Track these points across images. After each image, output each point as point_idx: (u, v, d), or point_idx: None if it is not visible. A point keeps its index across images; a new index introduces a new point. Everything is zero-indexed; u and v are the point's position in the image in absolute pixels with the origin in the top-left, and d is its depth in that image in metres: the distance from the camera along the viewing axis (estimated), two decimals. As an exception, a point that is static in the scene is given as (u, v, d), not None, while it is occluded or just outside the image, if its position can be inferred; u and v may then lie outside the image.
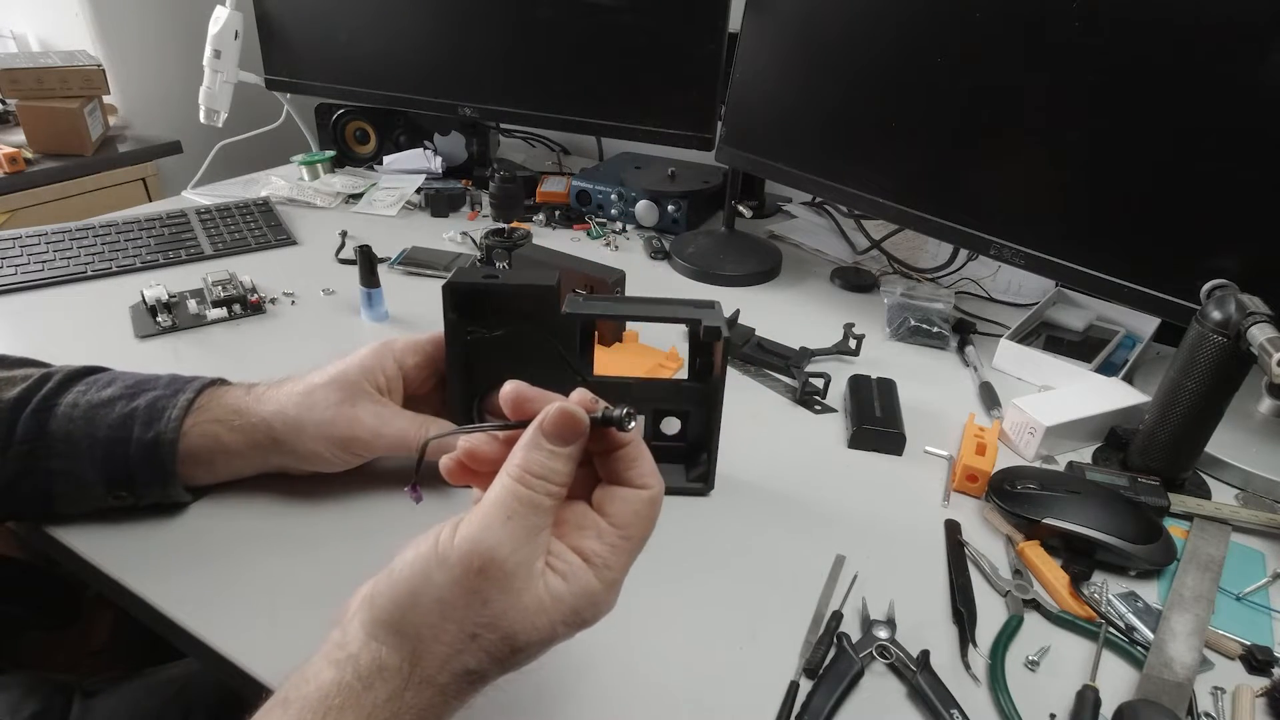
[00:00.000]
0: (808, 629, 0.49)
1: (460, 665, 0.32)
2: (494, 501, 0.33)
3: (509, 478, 0.33)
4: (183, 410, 0.51)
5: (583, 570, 0.33)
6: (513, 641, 0.32)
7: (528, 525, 0.32)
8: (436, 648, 0.32)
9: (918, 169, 0.80)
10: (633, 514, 0.35)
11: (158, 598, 0.48)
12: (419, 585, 0.32)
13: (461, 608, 0.31)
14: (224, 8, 1.10)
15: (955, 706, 0.43)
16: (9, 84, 1.43)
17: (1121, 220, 0.68)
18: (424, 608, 0.32)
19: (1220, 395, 0.59)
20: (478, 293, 0.55)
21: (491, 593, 0.31)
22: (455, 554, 0.32)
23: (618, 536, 0.34)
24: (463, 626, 0.32)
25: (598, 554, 0.34)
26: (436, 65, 1.11)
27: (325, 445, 0.52)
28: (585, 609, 0.33)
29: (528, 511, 0.33)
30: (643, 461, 0.36)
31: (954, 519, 0.59)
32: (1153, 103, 0.64)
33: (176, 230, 0.96)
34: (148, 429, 0.50)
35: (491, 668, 0.32)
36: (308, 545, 0.52)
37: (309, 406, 0.52)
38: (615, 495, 0.35)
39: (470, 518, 0.33)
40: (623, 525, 0.35)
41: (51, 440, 0.49)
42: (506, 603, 0.32)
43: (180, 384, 0.53)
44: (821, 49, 0.85)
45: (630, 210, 1.08)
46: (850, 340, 0.79)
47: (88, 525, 0.52)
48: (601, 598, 0.34)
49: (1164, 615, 0.51)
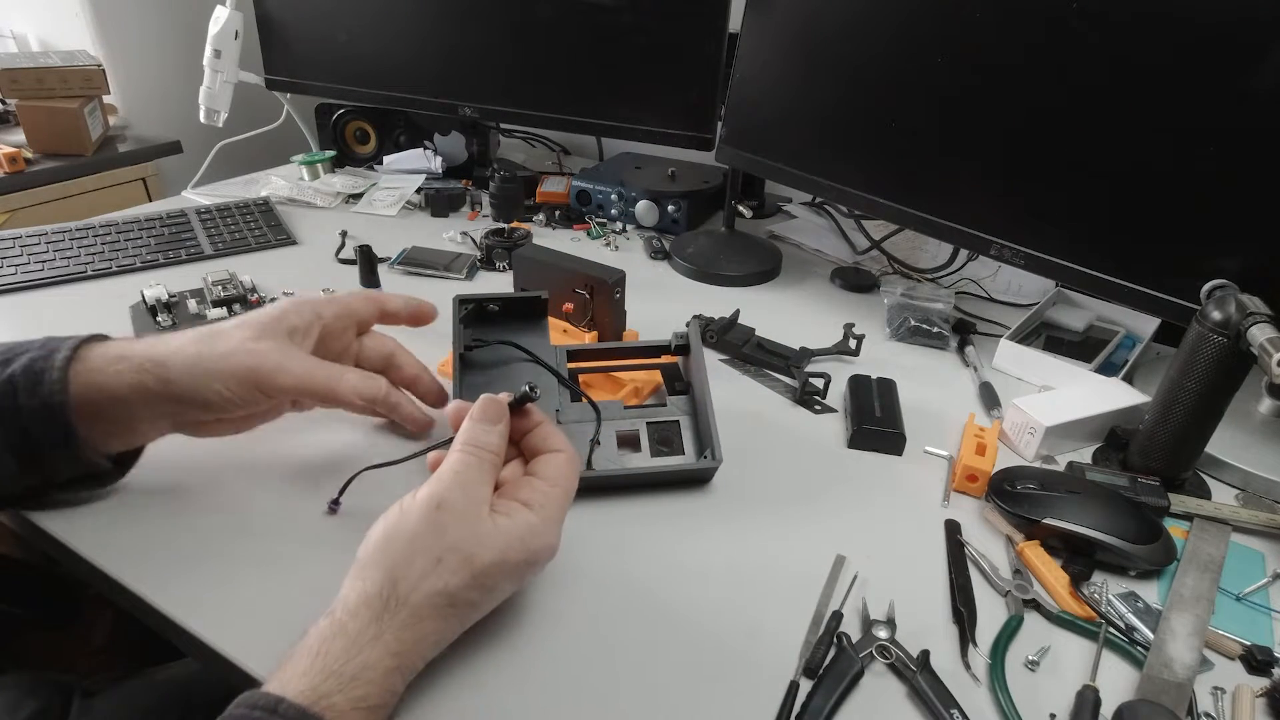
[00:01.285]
0: (808, 629, 0.49)
1: (430, 586, 0.38)
2: (445, 466, 0.42)
3: (455, 451, 0.43)
4: (63, 367, 0.47)
5: (522, 509, 0.42)
6: (472, 562, 0.39)
7: (471, 478, 0.42)
8: (409, 572, 0.38)
9: (918, 169, 0.80)
10: (554, 468, 0.45)
11: (158, 598, 0.48)
12: (392, 529, 0.40)
13: (427, 538, 0.39)
14: (224, 8, 1.10)
15: (955, 706, 0.43)
16: (9, 84, 1.43)
17: (1122, 220, 0.68)
18: (396, 543, 0.39)
19: (1220, 395, 0.59)
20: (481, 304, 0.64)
21: (449, 524, 0.40)
22: (418, 503, 0.41)
23: (547, 485, 0.44)
24: (429, 552, 0.39)
25: (532, 499, 0.43)
26: (437, 65, 1.11)
27: (224, 382, 0.48)
28: (529, 537, 0.41)
29: (469, 469, 0.42)
30: (554, 434, 0.47)
31: (954, 519, 0.59)
32: (1153, 102, 0.64)
33: (176, 230, 0.96)
34: (33, 395, 0.46)
35: (459, 588, 0.39)
36: (308, 545, 0.52)
37: (210, 342, 0.49)
38: (541, 460, 0.46)
39: (427, 482, 0.42)
40: (549, 477, 0.44)
41: None
42: (463, 529, 0.40)
43: (55, 343, 0.49)
44: (821, 49, 0.85)
45: (630, 210, 1.08)
46: (850, 340, 0.79)
47: (88, 525, 0.52)
48: (541, 529, 0.42)
49: (1164, 615, 0.51)
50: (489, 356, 0.63)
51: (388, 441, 0.63)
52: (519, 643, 0.46)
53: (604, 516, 0.56)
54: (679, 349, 0.65)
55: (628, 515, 0.57)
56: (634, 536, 0.55)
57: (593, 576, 0.51)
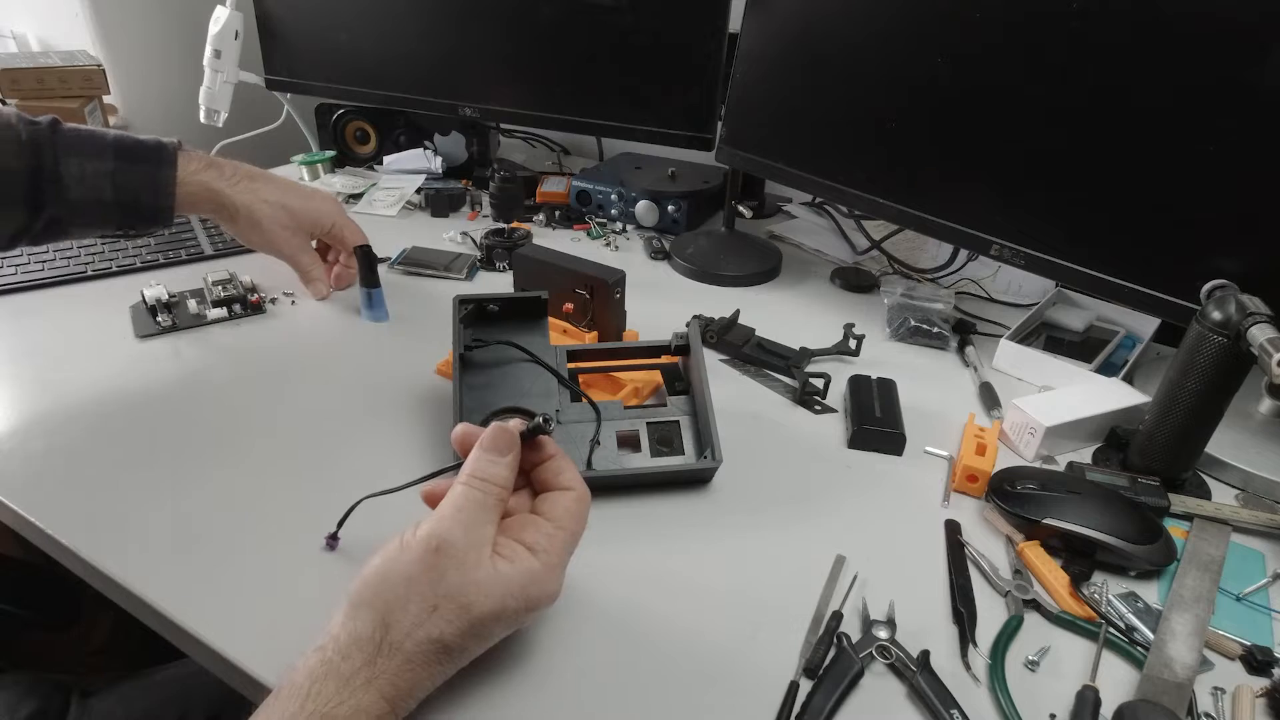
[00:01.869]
0: (808, 629, 0.49)
1: (424, 634, 0.36)
2: (448, 501, 0.40)
3: (460, 484, 0.40)
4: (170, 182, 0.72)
5: (525, 554, 0.39)
6: (469, 611, 0.37)
7: (475, 518, 0.39)
8: (403, 618, 0.36)
9: (918, 169, 0.80)
10: (563, 510, 0.42)
11: (158, 598, 0.48)
12: (388, 567, 0.38)
13: (423, 583, 0.37)
14: (224, 8, 1.10)
15: (955, 706, 0.43)
16: (9, 84, 1.43)
17: (1122, 220, 0.68)
18: (391, 584, 0.37)
19: (1220, 395, 0.59)
20: (481, 304, 0.64)
21: (448, 569, 0.37)
22: (416, 540, 0.38)
23: (553, 528, 0.41)
24: (425, 599, 0.37)
25: (537, 542, 0.40)
26: (437, 65, 1.11)
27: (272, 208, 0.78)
28: (530, 585, 0.39)
29: (474, 507, 0.39)
30: (567, 470, 0.44)
31: (954, 519, 0.59)
32: (1153, 103, 0.64)
33: (176, 230, 0.96)
34: (155, 200, 0.72)
35: (454, 638, 0.37)
36: (308, 546, 0.52)
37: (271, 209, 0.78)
38: (549, 498, 0.43)
39: (429, 517, 0.40)
40: (556, 519, 0.41)
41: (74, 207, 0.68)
42: (461, 576, 0.37)
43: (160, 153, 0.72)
44: (821, 49, 0.84)
45: (630, 210, 1.08)
46: (850, 340, 0.79)
47: (87, 525, 0.52)
48: (543, 576, 0.39)
49: (1164, 615, 0.51)
50: (489, 356, 0.63)
51: (391, 460, 0.63)
52: (518, 642, 0.46)
53: (604, 516, 0.56)
54: (679, 349, 0.65)
55: (628, 515, 0.57)
56: (634, 536, 0.55)
57: (593, 576, 0.51)
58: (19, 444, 0.60)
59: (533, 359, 0.62)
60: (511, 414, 0.61)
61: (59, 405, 0.65)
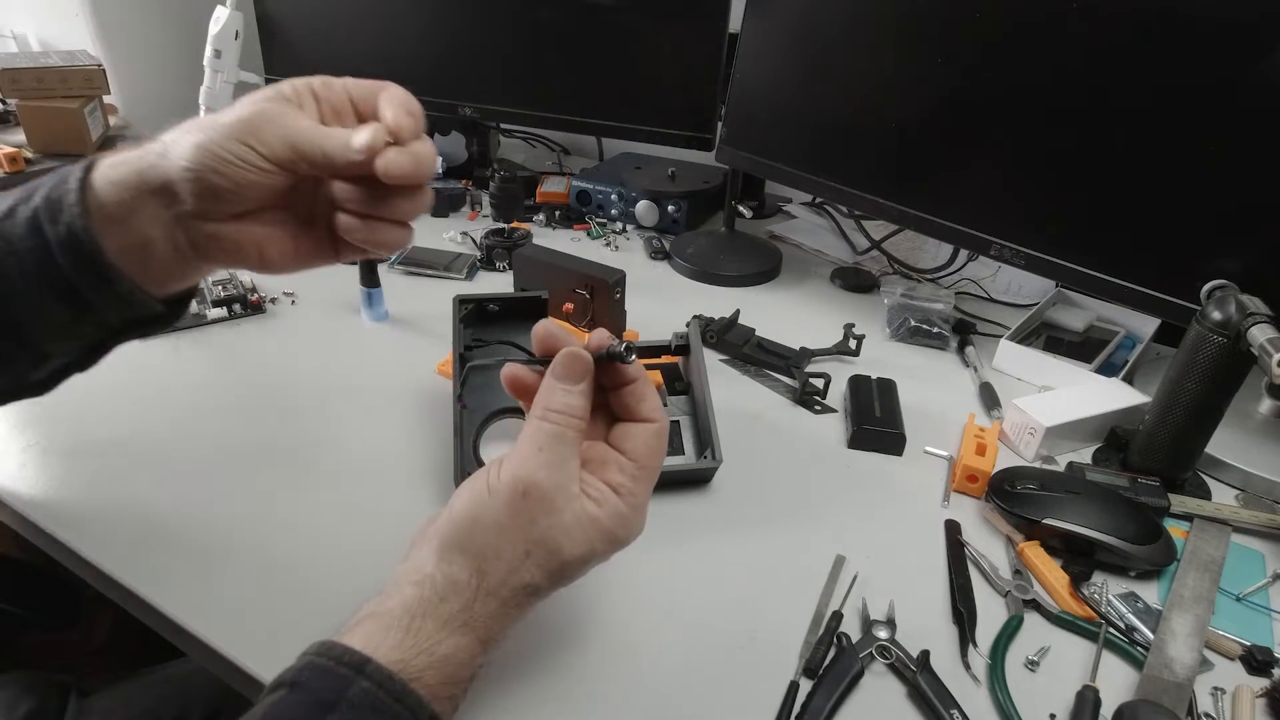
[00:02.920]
0: (808, 629, 0.49)
1: (518, 580, 0.37)
2: (526, 438, 0.38)
3: (535, 418, 0.39)
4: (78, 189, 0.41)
5: (611, 496, 0.39)
6: (559, 555, 0.37)
7: (557, 454, 0.38)
8: (498, 565, 0.37)
9: (918, 169, 0.80)
10: (644, 447, 0.40)
11: (157, 598, 0.48)
12: (477, 513, 0.37)
13: (514, 529, 0.37)
14: (224, 8, 1.10)
15: (955, 706, 0.43)
16: (9, 84, 1.43)
17: (1122, 220, 0.68)
18: (483, 531, 0.37)
19: (1220, 396, 0.59)
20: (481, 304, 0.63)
21: (537, 513, 0.37)
22: (502, 485, 0.37)
23: (635, 469, 0.40)
24: (516, 545, 0.37)
25: (622, 484, 0.39)
26: (437, 65, 1.11)
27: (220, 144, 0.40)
28: (618, 529, 0.39)
29: (554, 443, 0.38)
30: (649, 397, 0.41)
31: (954, 519, 0.59)
32: (1153, 102, 0.64)
33: (176, 230, 0.96)
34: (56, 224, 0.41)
35: (544, 580, 0.38)
36: (307, 545, 0.52)
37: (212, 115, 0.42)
38: (629, 432, 0.41)
39: (510, 456, 0.38)
40: (638, 458, 0.40)
41: None
42: (551, 521, 0.37)
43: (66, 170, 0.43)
44: (821, 49, 0.85)
45: (630, 210, 1.08)
46: (850, 340, 0.79)
47: (87, 525, 0.52)
48: (630, 518, 0.39)
49: (1164, 615, 0.51)
50: (489, 356, 0.63)
51: (390, 460, 0.63)
52: (518, 642, 0.46)
53: (604, 516, 0.56)
54: (679, 349, 0.65)
55: (628, 515, 0.57)
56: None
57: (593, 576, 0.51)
58: (18, 444, 0.60)
59: (533, 359, 0.62)
60: (512, 414, 0.61)
61: (57, 405, 0.64)
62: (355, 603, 0.48)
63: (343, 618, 0.47)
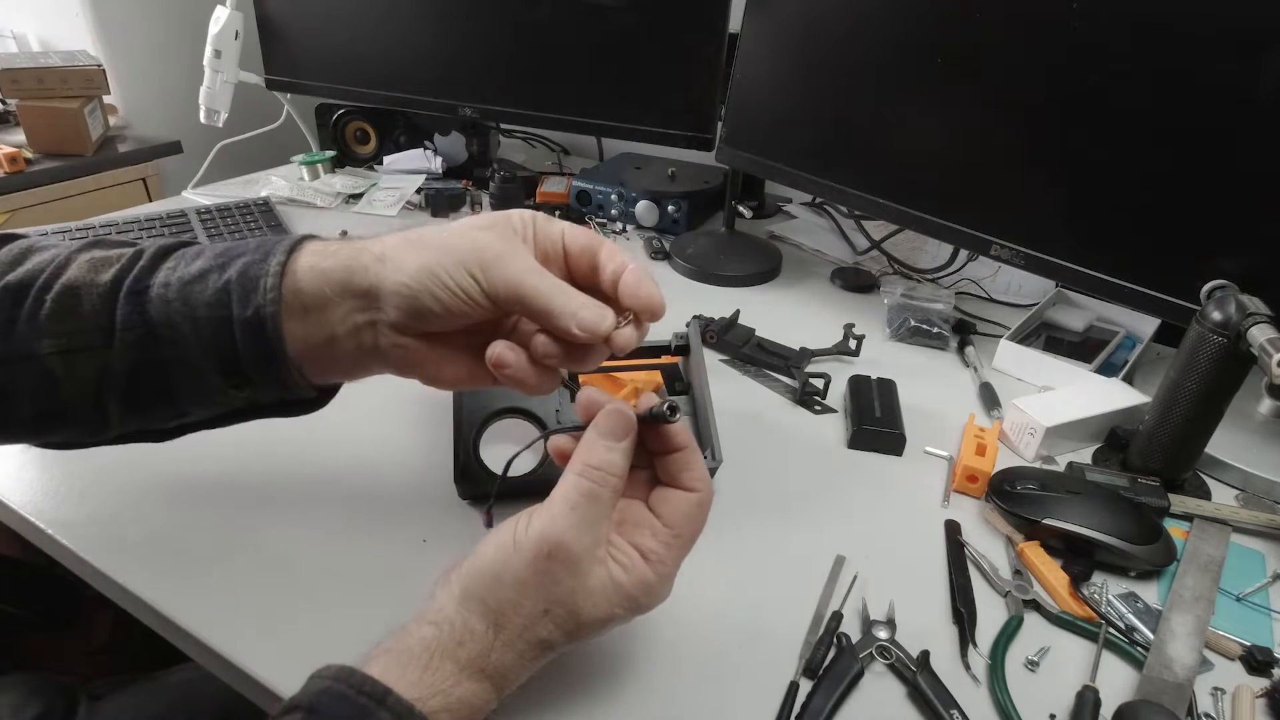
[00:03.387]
0: (808, 629, 0.49)
1: (534, 636, 0.37)
2: (560, 494, 0.38)
3: (572, 474, 0.38)
4: (278, 275, 0.41)
5: (641, 564, 0.38)
6: (578, 618, 0.37)
7: (589, 515, 0.37)
8: (516, 619, 0.37)
9: (918, 169, 0.80)
10: (683, 515, 0.39)
11: (158, 599, 0.48)
12: (500, 568, 0.37)
13: (535, 587, 0.37)
14: (224, 8, 1.10)
15: (955, 706, 0.43)
16: (9, 84, 1.43)
17: (1122, 220, 0.68)
18: (505, 587, 0.37)
19: (1220, 396, 0.59)
20: None
21: (561, 574, 0.37)
22: (529, 542, 0.37)
23: (670, 535, 0.39)
24: (536, 603, 0.37)
25: (653, 551, 0.38)
26: (437, 65, 1.11)
27: (445, 268, 0.39)
28: (641, 596, 0.38)
29: (588, 503, 0.37)
30: (695, 467, 0.40)
31: (954, 519, 0.59)
32: (1153, 103, 0.64)
33: (177, 230, 0.96)
34: (245, 305, 0.41)
35: (560, 639, 0.38)
36: (310, 548, 0.52)
37: (435, 233, 0.41)
38: (668, 497, 0.40)
39: (540, 510, 0.38)
40: (674, 525, 0.39)
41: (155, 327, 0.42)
42: (574, 584, 0.37)
43: (270, 245, 0.43)
44: (821, 49, 0.84)
45: (630, 210, 1.08)
46: (850, 340, 0.79)
47: (87, 525, 0.52)
48: (656, 588, 0.38)
49: (1164, 616, 0.51)
50: None
51: (389, 459, 0.63)
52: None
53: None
54: (679, 349, 0.65)
55: (628, 515, 0.57)
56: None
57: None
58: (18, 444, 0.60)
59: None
60: (511, 414, 0.61)
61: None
62: (355, 604, 0.48)
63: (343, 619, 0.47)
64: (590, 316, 0.39)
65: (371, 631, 0.38)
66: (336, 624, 0.47)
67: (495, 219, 0.42)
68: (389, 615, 0.39)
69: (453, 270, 0.39)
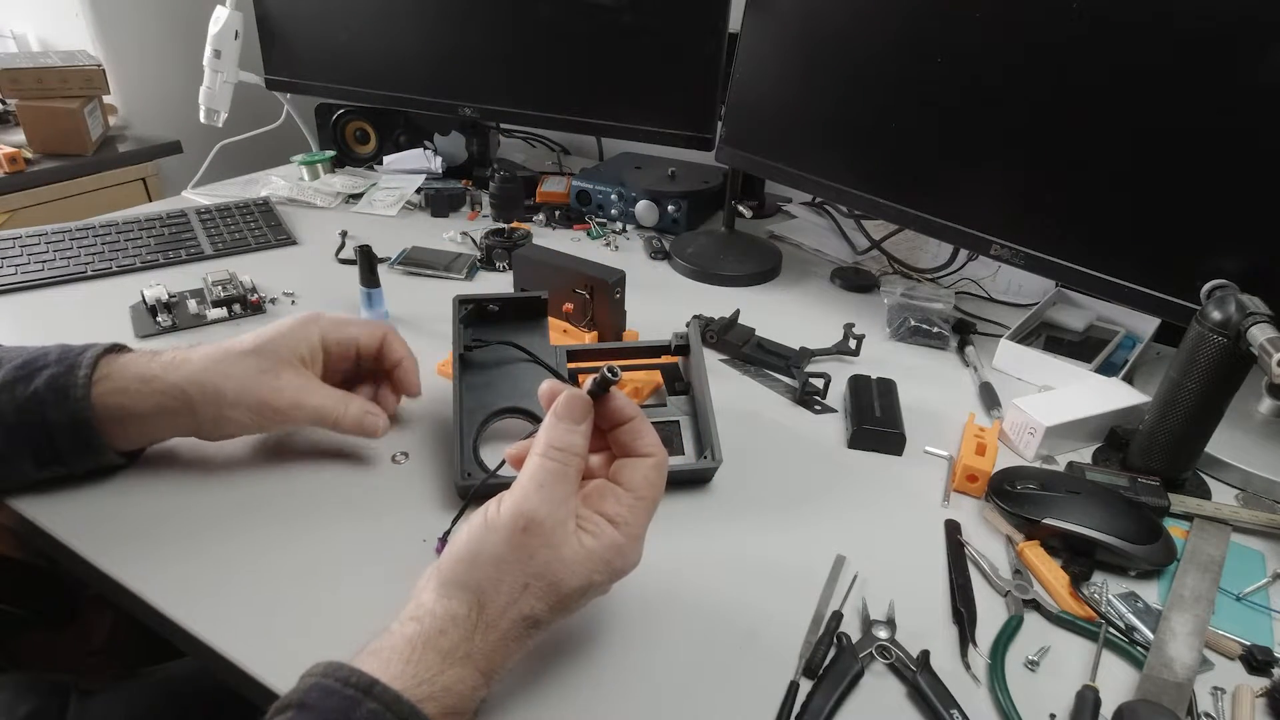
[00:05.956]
0: (808, 629, 0.49)
1: (517, 612, 0.38)
2: (528, 475, 0.40)
3: (537, 455, 0.40)
4: (85, 385, 0.51)
5: (608, 528, 0.40)
6: (559, 588, 0.39)
7: (557, 491, 0.39)
8: (497, 598, 0.38)
9: (918, 169, 0.80)
10: (642, 478, 0.42)
11: (157, 598, 0.48)
12: (476, 548, 0.39)
13: (513, 562, 0.38)
14: (224, 8, 1.10)
15: (955, 706, 0.43)
16: (9, 84, 1.43)
17: (1121, 220, 0.68)
18: (483, 565, 0.38)
19: (1220, 395, 0.59)
20: (481, 304, 0.63)
21: (536, 547, 0.38)
22: (502, 520, 0.39)
23: (633, 499, 0.41)
24: (516, 578, 0.38)
25: (619, 514, 0.41)
26: (437, 65, 1.11)
27: (242, 412, 0.53)
28: (614, 559, 0.40)
29: (555, 480, 0.39)
30: (646, 434, 0.43)
31: (954, 519, 0.59)
32: (1153, 103, 0.64)
33: (176, 230, 0.96)
34: (60, 410, 0.50)
35: (543, 612, 0.39)
36: (307, 545, 0.52)
37: (226, 375, 0.53)
38: (626, 465, 0.42)
39: (511, 492, 0.40)
40: (635, 488, 0.42)
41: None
42: (550, 555, 0.38)
43: (71, 356, 0.52)
44: (821, 49, 0.84)
45: (630, 210, 1.08)
46: (850, 340, 0.79)
47: (88, 525, 0.52)
48: (627, 549, 0.40)
49: (1164, 615, 0.51)
50: (489, 356, 0.63)
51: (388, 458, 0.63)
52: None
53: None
54: (679, 349, 0.65)
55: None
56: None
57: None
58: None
59: (533, 359, 0.62)
60: (512, 414, 0.61)
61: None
62: (354, 603, 0.48)
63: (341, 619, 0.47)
64: (366, 425, 0.57)
65: (370, 631, 0.38)
66: (335, 623, 0.47)
67: (281, 357, 0.55)
68: (388, 615, 0.39)
69: (255, 418, 0.54)
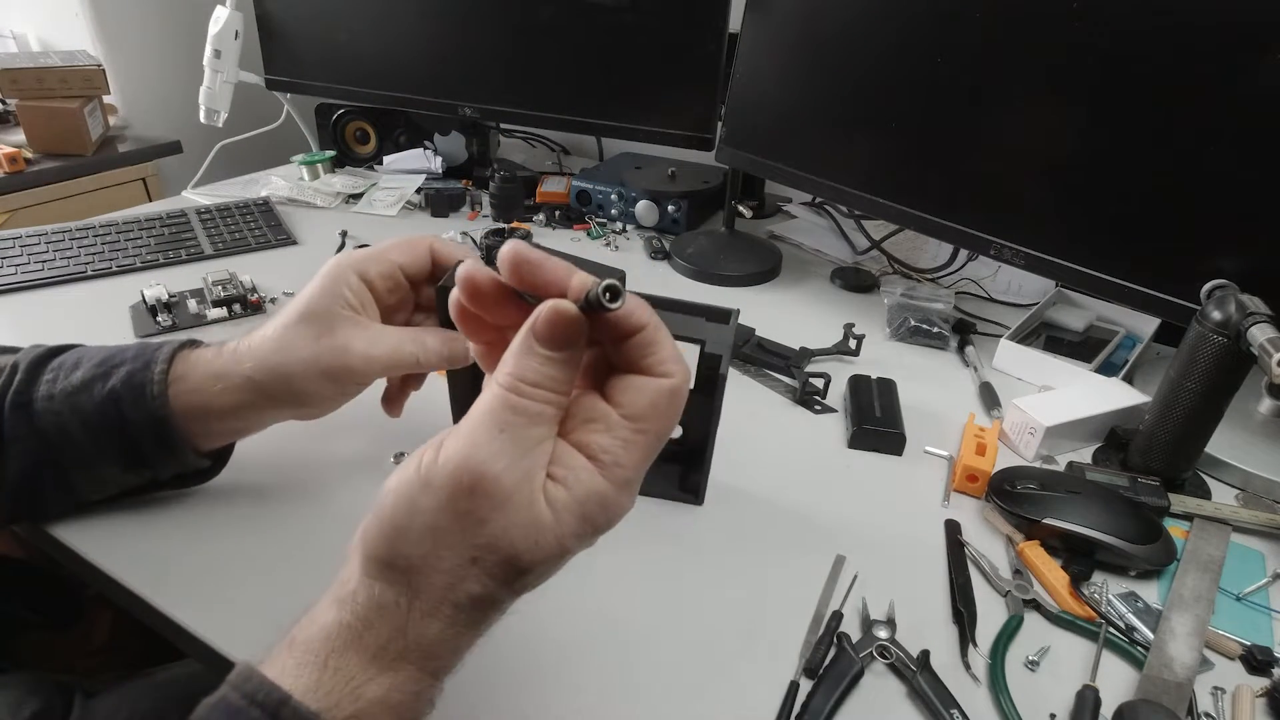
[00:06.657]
0: (808, 629, 0.49)
1: (463, 594, 0.29)
2: (484, 412, 0.29)
3: (500, 387, 0.29)
4: (162, 381, 0.47)
5: (586, 472, 0.29)
6: (517, 562, 0.29)
7: (525, 438, 0.28)
8: (435, 578, 0.29)
9: (918, 169, 0.80)
10: (649, 405, 0.30)
11: (157, 598, 0.48)
12: (405, 515, 0.29)
13: (455, 532, 0.28)
14: (224, 8, 1.10)
15: (955, 706, 0.43)
16: (9, 84, 1.43)
17: (1122, 220, 0.68)
18: (414, 537, 0.29)
19: (1220, 395, 0.59)
20: None
21: (486, 511, 0.28)
22: (440, 475, 0.28)
23: (631, 430, 0.30)
24: (459, 552, 0.28)
25: (606, 450, 0.29)
26: (437, 65, 1.11)
27: (318, 383, 0.48)
28: (595, 514, 0.29)
29: (524, 423, 0.28)
30: (662, 347, 0.30)
31: (954, 519, 0.59)
32: (1153, 103, 0.64)
33: (176, 230, 0.96)
34: (137, 408, 0.47)
35: (502, 592, 0.30)
36: (309, 546, 0.52)
37: (288, 349, 0.48)
38: (630, 384, 0.30)
39: (456, 433, 0.29)
40: (637, 417, 0.30)
41: (47, 437, 0.47)
42: (506, 520, 0.28)
43: (148, 353, 0.49)
44: (821, 49, 0.85)
45: (630, 210, 1.08)
46: (850, 340, 0.79)
47: (87, 525, 0.52)
48: (613, 499, 0.30)
49: (1164, 615, 0.51)
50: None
51: (387, 457, 0.63)
52: (517, 642, 0.46)
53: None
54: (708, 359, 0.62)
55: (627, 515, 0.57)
56: (633, 536, 0.55)
57: (592, 576, 0.51)
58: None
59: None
60: None
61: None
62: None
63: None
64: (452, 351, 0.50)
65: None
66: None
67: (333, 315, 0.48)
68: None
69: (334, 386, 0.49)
